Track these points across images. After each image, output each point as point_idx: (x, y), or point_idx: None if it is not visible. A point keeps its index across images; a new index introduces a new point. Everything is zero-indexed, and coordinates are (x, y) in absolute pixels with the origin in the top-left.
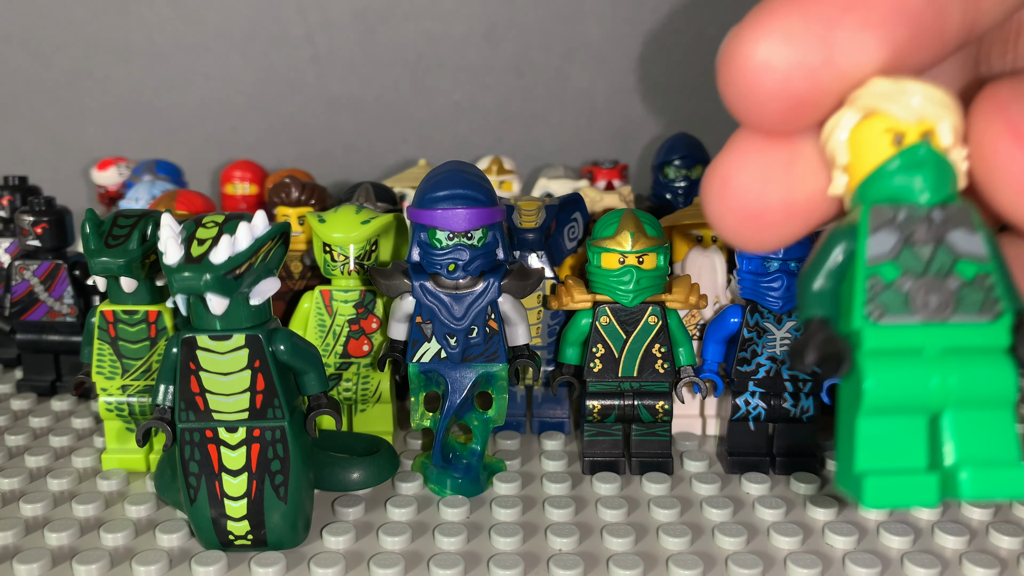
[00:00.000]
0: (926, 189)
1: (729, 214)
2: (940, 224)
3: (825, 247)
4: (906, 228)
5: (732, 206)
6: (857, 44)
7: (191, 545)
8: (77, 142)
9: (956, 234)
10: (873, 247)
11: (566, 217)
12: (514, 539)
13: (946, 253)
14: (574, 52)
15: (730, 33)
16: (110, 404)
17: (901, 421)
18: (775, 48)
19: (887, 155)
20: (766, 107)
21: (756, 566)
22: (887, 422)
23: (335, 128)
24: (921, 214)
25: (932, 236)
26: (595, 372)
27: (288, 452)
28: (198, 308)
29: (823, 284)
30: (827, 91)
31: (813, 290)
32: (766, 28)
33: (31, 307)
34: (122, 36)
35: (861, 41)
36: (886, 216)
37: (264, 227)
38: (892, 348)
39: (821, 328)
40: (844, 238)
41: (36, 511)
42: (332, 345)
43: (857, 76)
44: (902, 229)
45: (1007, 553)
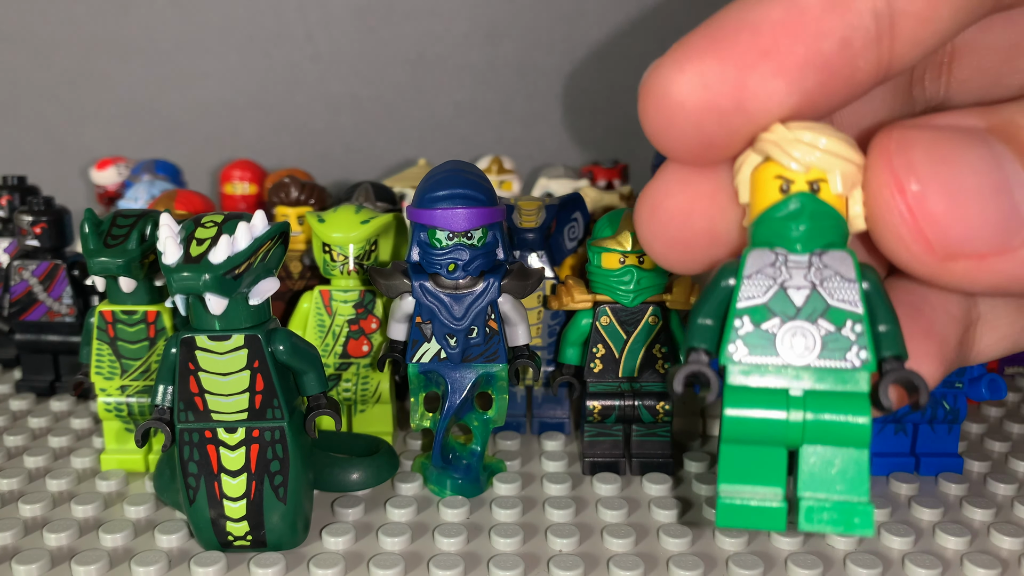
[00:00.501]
0: (800, 239)
1: (657, 240)
2: (817, 270)
3: (713, 283)
4: (782, 273)
5: (659, 233)
6: (768, 91)
7: (190, 546)
8: (76, 142)
9: (832, 282)
10: (746, 289)
11: (566, 217)
12: (514, 540)
13: (819, 299)
14: (575, 52)
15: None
16: (109, 404)
17: (760, 450)
18: (689, 90)
19: (774, 200)
20: (680, 143)
21: (757, 567)
22: (747, 450)
23: (335, 128)
24: (801, 260)
25: (808, 282)
26: (595, 372)
27: (287, 453)
28: (197, 308)
29: (705, 317)
30: (737, 133)
31: (697, 323)
32: (683, 69)
33: (30, 307)
34: (122, 35)
35: (772, 88)
36: (764, 260)
37: (263, 227)
38: (755, 385)
39: (696, 359)
40: (728, 275)
41: (35, 512)
42: (331, 345)
43: (767, 120)
44: (778, 274)
45: (1008, 554)
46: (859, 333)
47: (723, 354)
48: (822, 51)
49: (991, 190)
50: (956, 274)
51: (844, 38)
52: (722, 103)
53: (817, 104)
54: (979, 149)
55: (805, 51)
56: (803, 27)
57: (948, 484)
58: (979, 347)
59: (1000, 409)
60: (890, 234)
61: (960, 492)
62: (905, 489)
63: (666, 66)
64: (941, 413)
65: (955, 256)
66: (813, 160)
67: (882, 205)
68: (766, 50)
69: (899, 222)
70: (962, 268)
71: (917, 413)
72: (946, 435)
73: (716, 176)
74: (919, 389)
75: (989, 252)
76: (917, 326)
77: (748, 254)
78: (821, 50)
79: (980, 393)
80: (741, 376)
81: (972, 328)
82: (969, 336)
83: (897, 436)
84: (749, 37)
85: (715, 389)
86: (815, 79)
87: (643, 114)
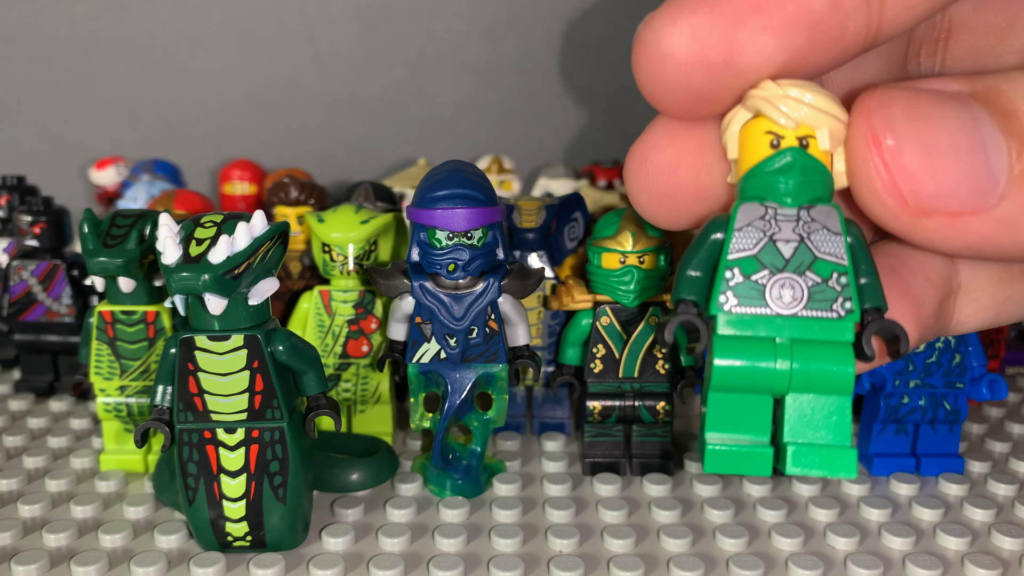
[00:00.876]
0: (790, 193)
1: (644, 193)
2: (805, 224)
3: (702, 235)
4: (771, 226)
5: (647, 186)
6: (757, 46)
7: (190, 546)
8: (75, 141)
9: (819, 235)
10: (737, 241)
11: (566, 217)
12: (514, 540)
13: (807, 252)
14: (575, 51)
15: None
16: (108, 405)
17: (747, 399)
18: (680, 42)
19: (764, 155)
20: (669, 96)
21: (757, 567)
22: (734, 398)
23: (336, 127)
24: (790, 214)
25: (796, 235)
26: (596, 373)
27: (287, 453)
28: (196, 308)
29: (695, 269)
30: (726, 88)
31: (686, 274)
32: (675, 21)
33: (29, 307)
34: (121, 35)
35: (761, 43)
36: (754, 214)
37: (263, 227)
38: (743, 334)
39: (685, 310)
40: (718, 229)
41: (34, 512)
42: (331, 346)
43: (755, 76)
44: (767, 227)
45: (1009, 554)
46: (844, 285)
47: (713, 304)
48: (812, 9)
49: (966, 149)
50: (929, 230)
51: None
52: (712, 57)
53: (805, 63)
54: (957, 110)
55: (795, 8)
56: None
57: (949, 484)
58: (959, 317)
59: (1001, 409)
60: (866, 188)
61: (961, 492)
62: (906, 489)
63: (658, 19)
64: (942, 413)
65: (928, 212)
66: (802, 116)
67: (859, 159)
68: (757, 6)
69: (875, 176)
70: (935, 225)
71: (918, 413)
72: (947, 435)
73: (704, 132)
74: (899, 339)
75: (962, 210)
76: (895, 288)
77: (739, 207)
78: (811, 8)
79: (981, 393)
80: (730, 327)
81: (952, 297)
82: (949, 305)
83: (898, 436)
84: None
85: (704, 339)
86: (804, 37)
87: (635, 66)
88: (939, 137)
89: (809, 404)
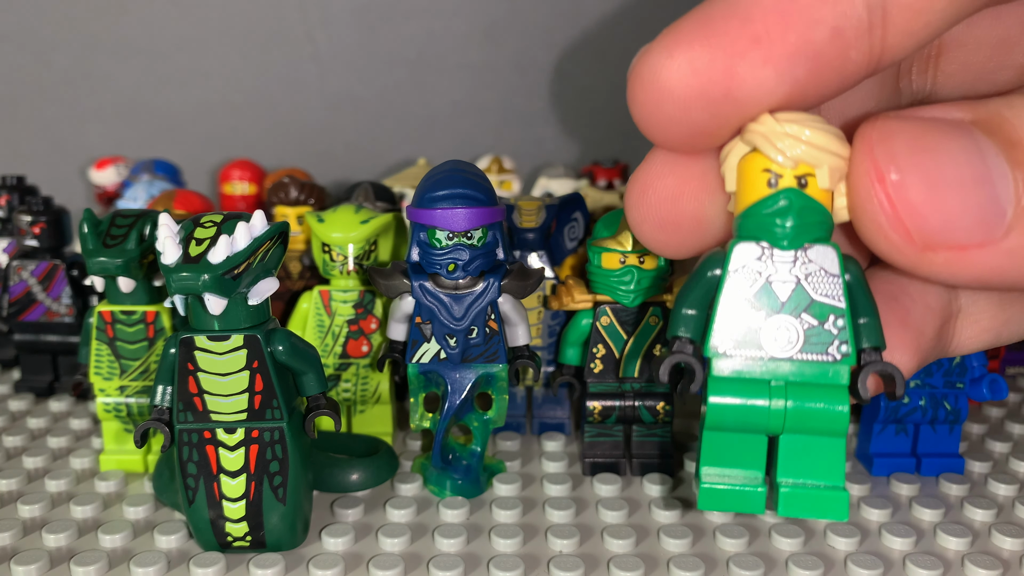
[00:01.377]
0: (786, 236)
1: (646, 223)
2: (803, 264)
3: (699, 271)
4: (767, 267)
5: (649, 215)
6: (758, 79)
7: (189, 546)
8: (75, 141)
9: (816, 277)
10: (732, 283)
11: (566, 217)
12: (514, 540)
13: (803, 294)
14: (575, 50)
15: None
16: (108, 405)
17: (741, 437)
18: (678, 76)
19: (761, 194)
20: (667, 131)
21: (757, 568)
22: (728, 437)
23: (335, 127)
24: (787, 256)
25: (793, 276)
26: (596, 373)
27: (287, 453)
28: (196, 308)
29: (691, 307)
30: (725, 121)
31: (682, 312)
32: (672, 55)
33: (29, 307)
34: (121, 35)
35: (762, 76)
36: (750, 255)
37: (263, 227)
38: (738, 375)
39: (680, 347)
40: (715, 266)
41: (34, 512)
42: (331, 346)
43: (756, 109)
44: (764, 268)
45: (1009, 555)
46: (841, 328)
47: (707, 346)
48: (813, 40)
49: (972, 181)
50: (936, 265)
51: (836, 27)
52: (711, 90)
53: (807, 93)
54: (962, 140)
55: (796, 39)
56: (795, 15)
57: (949, 485)
58: (959, 340)
59: (1001, 409)
60: (870, 223)
61: (961, 493)
62: (906, 490)
63: (655, 51)
64: (942, 414)
65: (934, 247)
66: (800, 154)
67: (862, 194)
68: (757, 37)
69: (879, 211)
70: (943, 259)
71: (918, 413)
72: (947, 436)
73: (705, 160)
74: (895, 381)
75: (970, 244)
76: (894, 316)
77: (734, 247)
78: (812, 39)
79: (981, 394)
80: (725, 367)
81: (952, 321)
82: (949, 328)
83: (898, 437)
84: (740, 24)
85: (699, 379)
86: (806, 68)
87: (631, 100)
88: (944, 170)
89: (802, 445)
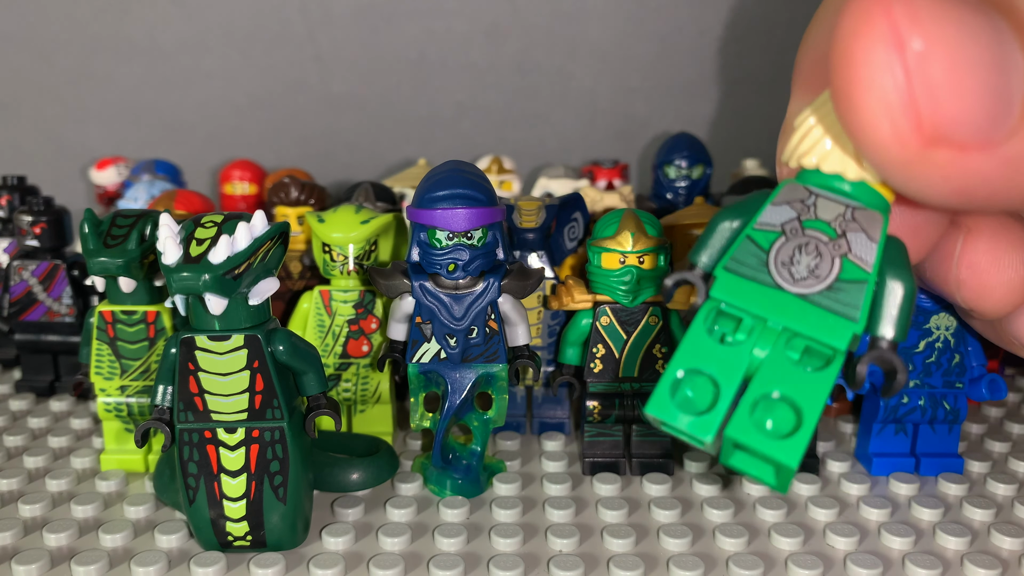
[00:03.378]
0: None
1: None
2: (846, 221)
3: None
4: (809, 211)
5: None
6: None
7: (190, 546)
8: (76, 141)
9: (856, 236)
10: (767, 214)
11: (566, 217)
12: (514, 540)
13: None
14: (577, 51)
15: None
16: (109, 404)
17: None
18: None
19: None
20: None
21: (757, 567)
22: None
23: (337, 127)
24: (838, 208)
25: (837, 226)
26: (595, 372)
27: (287, 453)
28: (197, 308)
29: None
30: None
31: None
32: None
33: (29, 307)
34: (122, 35)
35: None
36: (795, 195)
37: (263, 227)
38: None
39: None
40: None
41: (34, 512)
42: (331, 345)
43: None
44: (805, 211)
45: (1008, 554)
46: (861, 293)
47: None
48: None
49: (992, 66)
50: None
51: None
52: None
53: None
54: (982, 17)
55: None
56: None
57: (948, 484)
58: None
59: (1000, 409)
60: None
61: (960, 492)
62: (905, 489)
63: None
64: (941, 413)
65: (940, 141)
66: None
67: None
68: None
69: (891, 86)
70: (942, 159)
71: (918, 413)
72: (946, 435)
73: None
74: (896, 377)
75: (972, 143)
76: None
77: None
78: None
79: (980, 393)
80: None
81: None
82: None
83: (897, 436)
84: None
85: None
86: None
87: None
88: (968, 47)
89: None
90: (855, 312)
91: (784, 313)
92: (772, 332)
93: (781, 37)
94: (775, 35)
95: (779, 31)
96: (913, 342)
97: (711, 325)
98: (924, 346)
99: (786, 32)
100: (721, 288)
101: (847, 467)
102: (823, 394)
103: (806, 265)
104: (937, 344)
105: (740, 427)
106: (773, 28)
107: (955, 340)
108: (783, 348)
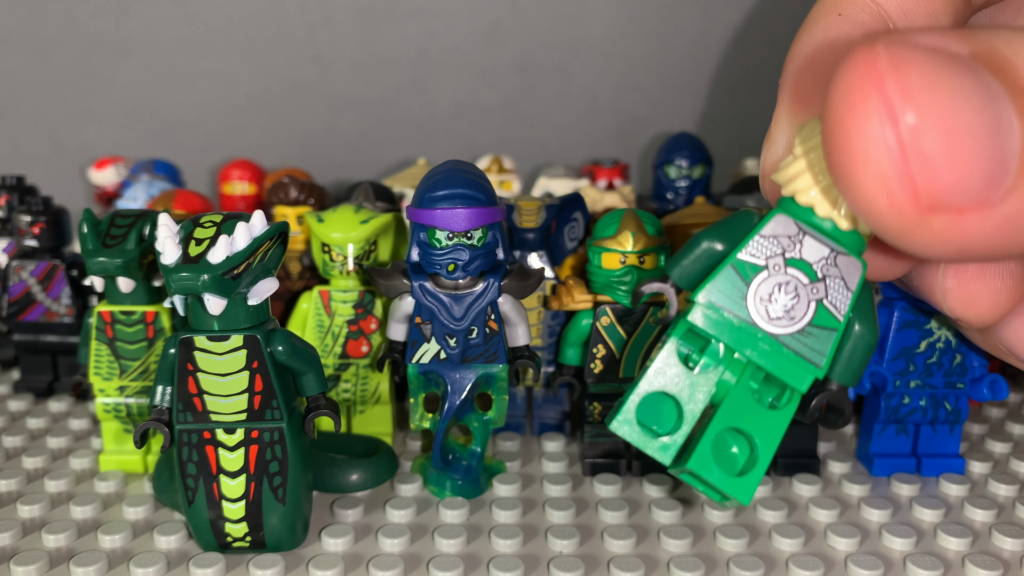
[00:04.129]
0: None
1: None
2: (827, 266)
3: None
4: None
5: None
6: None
7: (189, 547)
8: (75, 141)
9: (834, 283)
10: (754, 245)
11: (566, 217)
12: (514, 541)
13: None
14: (577, 51)
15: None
16: (108, 405)
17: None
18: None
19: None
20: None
21: (757, 568)
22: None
23: (337, 127)
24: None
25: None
26: (596, 373)
27: (287, 453)
28: (196, 308)
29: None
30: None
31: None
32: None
33: (28, 307)
34: (122, 35)
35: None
36: (785, 230)
37: (262, 227)
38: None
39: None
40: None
41: (33, 512)
42: (331, 346)
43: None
44: (790, 247)
45: (1009, 555)
46: (829, 340)
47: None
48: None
49: (985, 130)
50: (932, 232)
51: None
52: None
53: None
54: (973, 80)
55: None
56: None
57: (949, 485)
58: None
59: (1002, 410)
60: (871, 176)
61: (961, 493)
62: (906, 490)
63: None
64: (943, 414)
65: (937, 208)
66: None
67: (867, 137)
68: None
69: (886, 160)
70: (940, 225)
71: (919, 413)
72: (947, 436)
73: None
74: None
75: (969, 206)
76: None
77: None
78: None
79: (982, 394)
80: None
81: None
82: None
83: (899, 437)
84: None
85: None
86: None
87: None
88: (962, 115)
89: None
90: (820, 359)
91: (753, 348)
92: (738, 363)
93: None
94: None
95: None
96: (914, 342)
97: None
98: (925, 346)
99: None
100: (697, 314)
101: (848, 468)
102: (779, 433)
103: (783, 305)
104: (938, 344)
105: (701, 462)
106: (773, 28)
107: (956, 340)
108: (747, 380)
